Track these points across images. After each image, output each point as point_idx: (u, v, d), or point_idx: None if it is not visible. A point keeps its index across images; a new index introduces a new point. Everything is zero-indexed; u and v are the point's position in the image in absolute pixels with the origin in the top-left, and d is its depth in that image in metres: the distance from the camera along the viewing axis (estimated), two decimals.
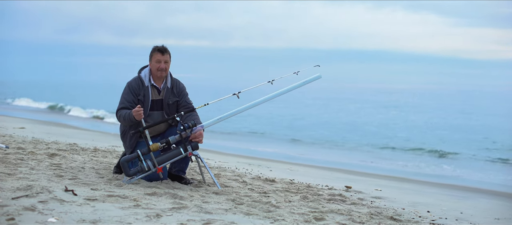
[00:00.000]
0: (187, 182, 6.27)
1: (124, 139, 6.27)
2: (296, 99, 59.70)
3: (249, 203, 5.48)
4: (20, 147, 7.98)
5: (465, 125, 30.00)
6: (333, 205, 5.95)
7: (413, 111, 43.98)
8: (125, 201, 4.94)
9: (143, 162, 5.80)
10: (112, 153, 8.72)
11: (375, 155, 16.74)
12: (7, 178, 5.40)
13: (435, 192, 8.71)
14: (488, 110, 44.89)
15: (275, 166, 10.37)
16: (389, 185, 9.09)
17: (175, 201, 5.14)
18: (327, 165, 12.80)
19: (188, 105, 6.38)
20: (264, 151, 15.80)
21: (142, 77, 6.27)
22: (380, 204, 6.55)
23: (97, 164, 7.18)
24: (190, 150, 6.00)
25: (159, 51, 6.25)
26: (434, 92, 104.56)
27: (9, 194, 4.71)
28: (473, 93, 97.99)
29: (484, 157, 16.23)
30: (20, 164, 6.33)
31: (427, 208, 6.67)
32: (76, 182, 5.64)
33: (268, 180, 7.42)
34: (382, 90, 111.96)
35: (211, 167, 8.28)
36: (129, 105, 6.15)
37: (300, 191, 6.69)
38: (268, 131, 24.09)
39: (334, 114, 37.33)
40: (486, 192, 9.67)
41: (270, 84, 6.48)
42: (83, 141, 11.28)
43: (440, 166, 14.51)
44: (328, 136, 22.70)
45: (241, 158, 11.70)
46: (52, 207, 4.44)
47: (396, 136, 23.60)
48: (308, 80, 6.48)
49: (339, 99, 68.41)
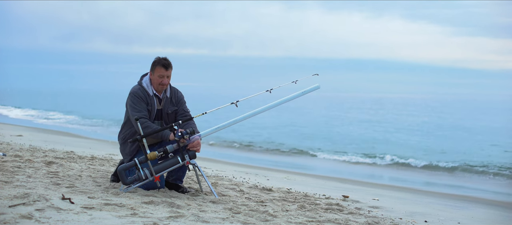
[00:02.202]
0: (184, 191, 6.26)
1: (124, 147, 6.26)
2: (295, 107, 59.73)
3: (246, 212, 5.47)
4: (17, 155, 7.97)
5: (462, 134, 30.04)
6: (330, 215, 5.95)
7: (404, 119, 43.99)
8: (122, 210, 4.93)
9: (140, 171, 5.79)
10: (109, 161, 8.71)
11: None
12: (4, 186, 5.39)
13: (433, 202, 8.71)
14: (483, 120, 44.92)
15: (272, 175, 10.37)
16: (386, 194, 9.09)
17: (172, 210, 5.13)
18: (324, 174, 12.80)
19: (185, 114, 6.38)
20: (261, 159, 15.81)
21: (145, 87, 6.26)
22: (378, 214, 6.54)
23: (94, 172, 7.17)
24: (188, 159, 5.99)
25: (163, 66, 6.18)
26: (430, 101, 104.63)
27: (6, 202, 4.70)
28: (471, 103, 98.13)
29: (482, 166, 16.23)
30: (17, 172, 6.32)
31: (425, 218, 6.67)
32: (73, 190, 5.63)
33: (265, 189, 7.41)
34: (377, 100, 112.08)
35: (208, 176, 8.27)
36: (146, 114, 6.13)
37: (297, 201, 6.68)
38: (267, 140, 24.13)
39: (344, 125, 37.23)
40: (483, 201, 9.68)
41: (269, 93, 6.48)
42: (80, 149, 11.27)
43: (436, 175, 14.53)
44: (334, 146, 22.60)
45: (238, 167, 11.70)
46: (49, 215, 4.43)
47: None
48: (307, 91, 6.49)
49: (343, 108, 68.40)
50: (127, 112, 6.29)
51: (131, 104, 6.15)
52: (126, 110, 6.30)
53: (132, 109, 6.11)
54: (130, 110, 6.13)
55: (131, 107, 6.14)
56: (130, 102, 6.17)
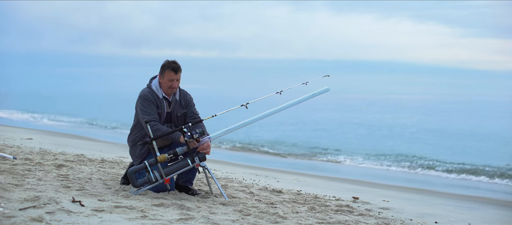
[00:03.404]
0: (194, 193, 6.26)
1: (134, 149, 6.28)
2: (304, 108, 59.64)
3: (256, 214, 5.47)
4: (27, 158, 8.00)
5: (469, 134, 29.90)
6: (341, 216, 5.93)
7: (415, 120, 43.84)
8: (132, 212, 4.94)
9: (150, 173, 5.80)
10: (119, 164, 8.73)
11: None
12: (14, 189, 5.41)
13: (443, 203, 8.67)
14: (493, 120, 44.68)
15: (282, 177, 10.36)
16: (396, 195, 9.06)
17: (182, 212, 5.14)
18: (335, 175, 12.78)
19: (195, 116, 6.38)
20: (271, 161, 15.80)
21: (154, 90, 6.27)
22: (388, 215, 6.52)
23: (104, 175, 7.19)
24: (198, 161, 6.00)
25: (173, 70, 6.17)
26: (441, 102, 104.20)
27: (16, 205, 4.72)
28: (479, 103, 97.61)
29: (490, 166, 16.14)
30: (27, 175, 6.34)
31: (435, 219, 6.63)
32: (83, 193, 5.64)
33: (275, 191, 7.40)
34: (390, 100, 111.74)
35: (218, 178, 8.27)
36: (156, 116, 6.14)
37: (307, 202, 6.67)
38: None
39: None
40: (494, 202, 9.63)
41: (279, 94, 6.47)
42: (90, 152, 11.30)
43: (447, 176, 14.46)
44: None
45: (248, 169, 11.69)
46: (59, 218, 4.44)
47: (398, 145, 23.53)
48: (316, 93, 6.48)
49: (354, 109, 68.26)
50: (136, 114, 6.30)
51: (141, 107, 6.16)
52: (136, 113, 6.31)
53: (142, 112, 6.12)
54: (140, 112, 6.14)
55: (141, 110, 6.15)
56: (140, 105, 6.18)
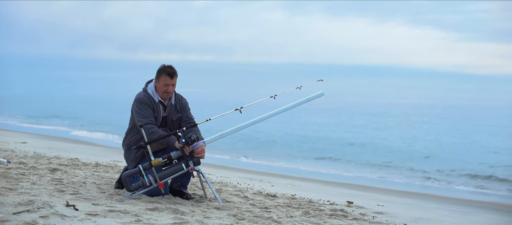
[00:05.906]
0: (189, 197, 6.26)
1: (129, 153, 6.27)
2: (299, 113, 59.71)
3: (250, 218, 5.47)
4: (21, 162, 7.98)
5: (463, 140, 29.97)
6: (335, 221, 5.94)
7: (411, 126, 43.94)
8: (126, 216, 4.93)
9: (144, 177, 5.80)
10: (114, 168, 8.72)
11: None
12: (8, 193, 5.40)
13: (437, 207, 8.69)
14: (489, 125, 44.80)
15: (277, 181, 10.36)
16: (391, 200, 9.07)
17: (177, 217, 5.13)
18: (329, 179, 12.78)
19: (190, 121, 6.38)
20: (266, 165, 15.80)
21: (150, 93, 6.26)
22: (382, 220, 6.53)
23: (99, 179, 7.18)
24: (192, 165, 6.00)
25: (169, 74, 6.17)
26: (436, 107, 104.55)
27: (10, 209, 4.71)
28: (475, 108, 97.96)
29: (484, 171, 16.18)
30: (21, 179, 6.33)
31: (429, 223, 6.65)
32: (77, 197, 5.64)
33: (270, 195, 7.40)
34: (385, 105, 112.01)
35: (213, 182, 8.27)
36: (152, 120, 6.13)
37: (301, 207, 6.67)
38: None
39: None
40: (488, 206, 9.65)
41: (273, 99, 6.47)
42: (85, 156, 11.28)
43: (441, 181, 14.48)
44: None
45: (243, 173, 11.69)
46: (53, 222, 4.43)
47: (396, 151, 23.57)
48: (311, 98, 6.48)
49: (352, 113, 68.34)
50: (132, 118, 6.29)
51: (137, 111, 6.15)
52: (131, 117, 6.30)
53: (138, 115, 6.11)
54: (136, 116, 6.13)
55: (137, 113, 6.13)
56: (136, 108, 6.17)
